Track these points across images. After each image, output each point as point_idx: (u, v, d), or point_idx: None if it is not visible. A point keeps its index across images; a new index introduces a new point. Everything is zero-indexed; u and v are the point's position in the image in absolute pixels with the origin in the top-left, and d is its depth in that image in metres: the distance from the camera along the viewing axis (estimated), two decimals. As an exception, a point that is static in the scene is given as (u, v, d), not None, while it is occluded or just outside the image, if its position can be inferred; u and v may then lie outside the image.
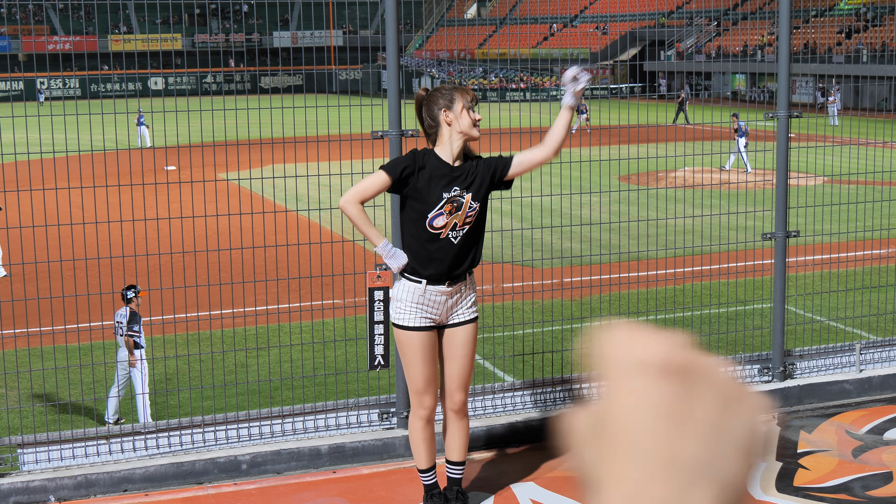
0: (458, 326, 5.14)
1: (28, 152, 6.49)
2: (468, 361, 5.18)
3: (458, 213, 4.98)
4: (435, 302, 5.03)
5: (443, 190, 4.98)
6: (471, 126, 5.04)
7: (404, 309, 5.05)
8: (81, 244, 6.75)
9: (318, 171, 6.99)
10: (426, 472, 5.27)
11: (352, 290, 11.48)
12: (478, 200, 5.02)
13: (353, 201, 4.98)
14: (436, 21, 76.77)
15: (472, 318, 5.18)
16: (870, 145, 16.77)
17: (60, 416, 10.05)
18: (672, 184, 24.76)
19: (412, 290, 5.02)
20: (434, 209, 4.96)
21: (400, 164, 5.02)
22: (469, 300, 5.16)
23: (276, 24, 79.23)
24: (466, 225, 5.01)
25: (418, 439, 5.22)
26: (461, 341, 5.15)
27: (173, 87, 45.27)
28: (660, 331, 0.98)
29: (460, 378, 5.18)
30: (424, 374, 5.09)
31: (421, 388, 5.11)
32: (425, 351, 5.08)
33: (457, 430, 5.26)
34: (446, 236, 4.98)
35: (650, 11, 63.14)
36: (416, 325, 5.04)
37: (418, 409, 5.17)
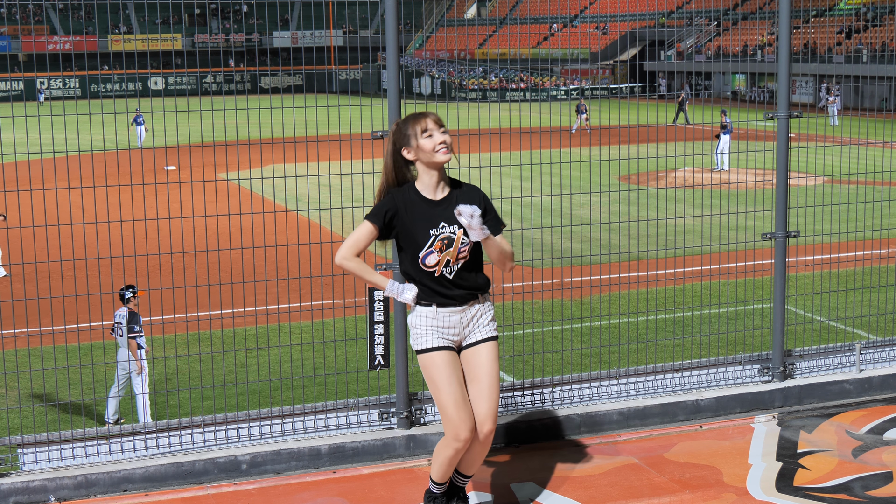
0: (476, 345, 4.97)
1: (28, 152, 6.49)
2: (492, 382, 4.92)
3: (449, 249, 4.84)
4: (450, 322, 4.93)
5: (429, 227, 4.82)
6: (431, 153, 4.79)
7: (422, 333, 4.94)
8: (81, 244, 6.75)
9: (318, 171, 6.99)
10: (440, 485, 5.19)
11: (352, 290, 11.48)
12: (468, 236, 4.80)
13: (348, 256, 4.88)
14: (436, 21, 76.77)
15: (491, 335, 5.00)
16: (870, 145, 16.77)
17: (60, 416, 10.06)
18: (672, 184, 24.76)
19: (425, 313, 4.94)
20: (424, 248, 4.83)
21: (381, 209, 4.84)
22: (486, 317, 5.01)
23: (276, 24, 79.24)
24: (461, 260, 4.86)
25: (445, 463, 5.02)
26: (481, 360, 4.96)
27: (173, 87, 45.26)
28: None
29: (487, 404, 4.92)
30: (453, 394, 4.86)
31: (453, 414, 4.85)
32: (449, 369, 4.88)
33: (478, 452, 5.07)
34: (441, 273, 4.89)
35: (650, 11, 63.16)
36: (436, 345, 4.92)
37: (453, 442, 4.90)
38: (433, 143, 4.81)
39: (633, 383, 6.76)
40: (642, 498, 5.44)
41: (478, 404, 4.94)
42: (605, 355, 11.33)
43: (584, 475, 5.75)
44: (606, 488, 5.55)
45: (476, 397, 4.94)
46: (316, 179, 7.24)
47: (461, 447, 4.93)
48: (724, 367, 6.97)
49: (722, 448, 6.13)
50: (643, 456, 6.00)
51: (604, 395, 6.68)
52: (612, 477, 5.71)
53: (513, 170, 7.88)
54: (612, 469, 5.82)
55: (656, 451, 6.08)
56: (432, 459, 5.10)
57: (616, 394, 6.70)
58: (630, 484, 5.61)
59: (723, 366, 6.97)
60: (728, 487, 5.54)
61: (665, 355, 10.03)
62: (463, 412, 4.88)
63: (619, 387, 6.72)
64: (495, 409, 4.96)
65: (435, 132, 4.83)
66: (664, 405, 6.64)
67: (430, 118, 4.87)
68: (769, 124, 7.13)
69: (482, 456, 5.11)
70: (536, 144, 10.67)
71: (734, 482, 5.61)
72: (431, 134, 4.82)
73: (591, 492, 5.52)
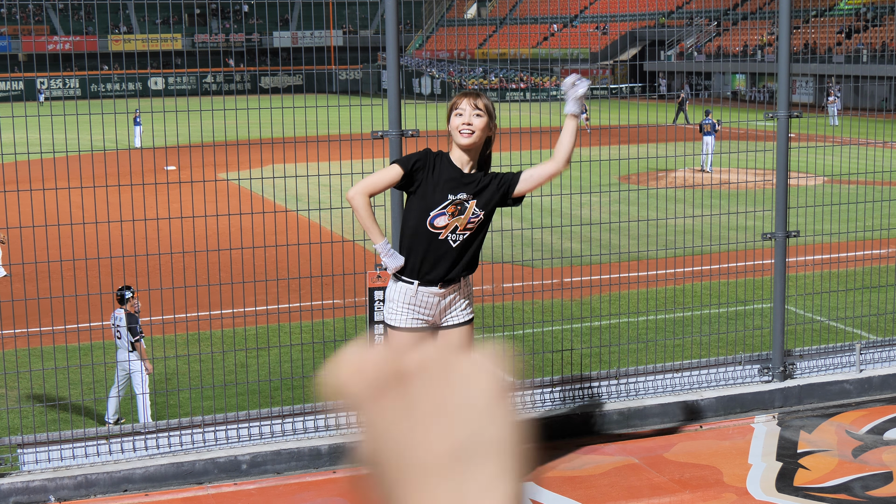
0: (452, 328, 5.11)
1: (28, 152, 6.49)
2: None
3: (460, 216, 4.95)
4: (427, 303, 5.01)
5: (449, 191, 4.95)
6: (455, 130, 4.98)
7: (396, 309, 5.05)
8: (81, 244, 6.74)
9: (318, 171, 6.99)
10: None
11: (352, 290, 11.48)
12: (482, 209, 4.98)
13: (362, 192, 4.96)
14: (436, 21, 76.76)
15: (466, 319, 5.15)
16: (870, 145, 16.77)
17: (60, 416, 10.05)
18: (672, 184, 24.76)
19: (404, 290, 5.02)
20: (437, 208, 4.94)
21: (412, 158, 5.00)
22: (463, 303, 5.12)
23: (276, 24, 79.22)
24: (468, 230, 4.97)
25: None
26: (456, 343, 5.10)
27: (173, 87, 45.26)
28: (368, 350, 1.02)
29: None
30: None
31: None
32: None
33: None
34: (445, 237, 4.96)
35: (650, 11, 63.13)
36: (408, 325, 5.03)
37: None
38: (459, 122, 4.96)
39: (633, 383, 6.75)
40: (642, 498, 5.44)
41: None
42: (605, 355, 11.33)
43: (584, 475, 5.75)
44: (606, 488, 5.55)
45: None
46: (316, 179, 7.24)
47: None
48: (724, 367, 6.97)
49: (722, 448, 6.12)
50: (643, 456, 6.00)
51: (604, 395, 6.67)
52: (612, 477, 5.70)
53: (513, 170, 7.88)
54: (612, 469, 5.82)
55: (656, 451, 6.08)
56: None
57: (616, 394, 6.69)
58: (630, 484, 5.60)
59: (723, 366, 6.97)
60: (728, 487, 5.54)
61: (665, 355, 10.02)
62: None
63: (619, 387, 6.72)
64: None
65: (466, 112, 4.94)
66: (664, 405, 6.64)
67: (469, 97, 5.01)
68: (769, 124, 7.12)
69: None
70: (536, 144, 10.67)
71: (734, 482, 5.60)
72: (461, 113, 4.97)
73: (591, 492, 5.51)
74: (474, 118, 4.95)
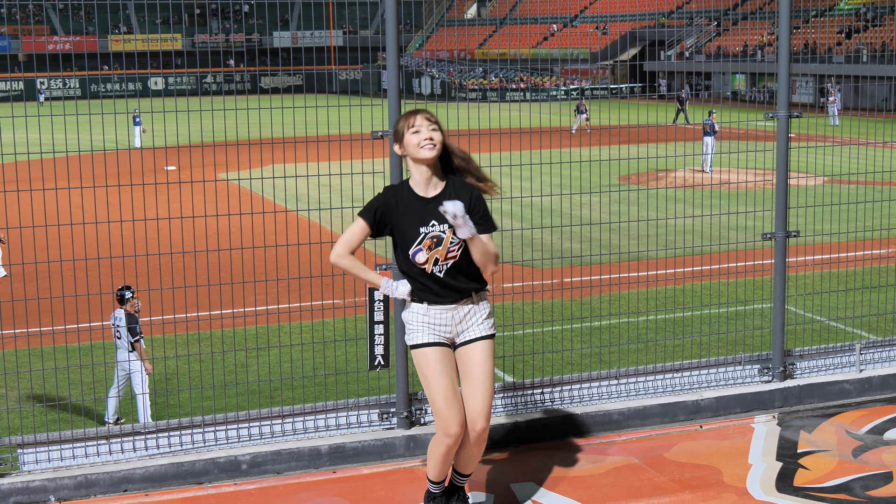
0: (470, 343, 4.97)
1: (28, 152, 6.49)
2: (486, 380, 4.93)
3: (438, 248, 4.85)
4: (441, 318, 4.94)
5: (419, 225, 4.84)
6: (416, 147, 4.82)
7: (414, 328, 4.96)
8: (81, 244, 6.75)
9: (318, 171, 6.99)
10: (437, 484, 5.20)
11: (352, 290, 11.48)
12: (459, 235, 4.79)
13: (343, 254, 4.90)
14: (436, 21, 76.77)
15: (485, 334, 5.00)
16: (870, 145, 16.78)
17: (60, 416, 10.06)
18: (672, 184, 24.76)
19: (416, 309, 4.96)
20: (413, 245, 4.85)
21: (373, 206, 4.88)
22: (481, 315, 5.01)
23: (276, 24, 79.24)
24: (450, 259, 4.87)
25: (438, 461, 5.03)
26: (475, 358, 4.96)
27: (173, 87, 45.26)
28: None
29: (481, 402, 4.91)
30: (443, 390, 4.87)
31: (442, 409, 4.87)
32: (440, 365, 4.89)
33: (473, 451, 5.05)
34: (431, 271, 4.90)
35: (650, 11, 63.16)
36: (428, 340, 4.93)
37: (444, 438, 4.91)
38: (419, 138, 4.85)
39: (633, 383, 6.76)
40: (642, 498, 5.44)
41: (470, 402, 4.94)
42: (605, 355, 11.33)
43: (584, 475, 5.75)
44: (606, 488, 5.55)
45: (469, 395, 4.95)
46: (316, 179, 7.24)
47: (451, 443, 4.94)
48: (724, 367, 6.97)
49: (722, 448, 6.13)
50: (643, 456, 6.00)
51: (604, 395, 6.68)
52: (612, 477, 5.71)
53: (513, 170, 7.88)
54: (612, 469, 5.82)
55: (656, 451, 6.08)
56: (427, 459, 5.11)
57: (616, 394, 6.70)
58: (630, 484, 5.61)
59: (723, 366, 6.98)
60: (728, 487, 5.54)
61: (665, 355, 10.03)
62: (453, 407, 4.89)
63: (619, 387, 6.72)
64: (488, 407, 4.95)
65: (423, 128, 4.87)
66: (664, 405, 6.64)
67: (420, 115, 4.92)
68: (769, 124, 7.13)
69: (478, 454, 5.11)
70: (536, 144, 10.66)
71: (734, 482, 5.61)
72: (419, 130, 4.87)
73: (591, 492, 5.52)
74: (433, 132, 4.86)
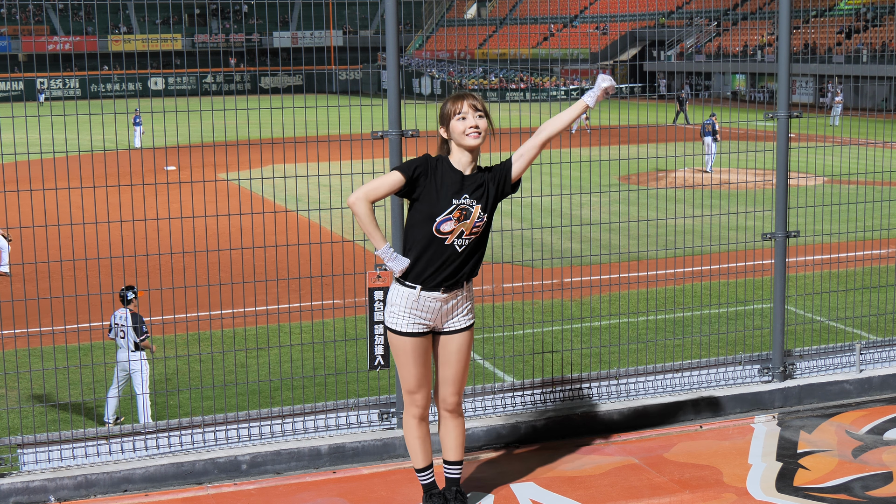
0: (453, 334, 5.13)
1: (28, 152, 6.49)
2: (463, 366, 5.20)
3: (466, 221, 4.96)
4: (429, 308, 5.02)
5: (453, 196, 4.96)
6: (461, 134, 4.97)
7: (398, 314, 5.06)
8: (81, 244, 6.75)
9: (318, 171, 6.99)
10: (423, 472, 5.27)
11: (352, 290, 11.48)
12: (486, 212, 5.01)
13: (363, 198, 4.94)
14: (436, 21, 76.77)
15: (467, 325, 5.18)
16: (870, 145, 16.78)
17: (60, 416, 10.06)
18: (672, 184, 24.77)
19: (406, 295, 5.02)
20: (443, 213, 4.94)
21: (413, 164, 4.99)
22: (465, 307, 5.14)
23: (276, 24, 79.22)
24: (473, 235, 4.99)
25: (413, 437, 5.24)
26: (455, 348, 5.16)
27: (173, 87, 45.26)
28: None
29: (455, 382, 5.20)
30: (416, 376, 5.12)
31: (413, 388, 5.15)
32: (417, 354, 5.09)
33: (452, 429, 5.27)
34: (451, 243, 4.96)
35: (650, 11, 63.15)
36: (409, 330, 5.04)
37: (411, 408, 5.19)
38: (464, 125, 4.98)
39: (633, 383, 6.75)
40: (642, 498, 5.44)
41: (446, 385, 5.20)
42: (605, 355, 11.33)
43: (584, 475, 5.75)
44: (606, 488, 5.55)
45: (445, 380, 5.20)
46: (316, 179, 7.24)
47: (419, 413, 5.18)
48: (724, 367, 6.97)
49: (722, 448, 6.13)
50: (643, 456, 6.00)
51: (604, 395, 6.68)
52: (612, 477, 5.71)
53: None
54: (612, 469, 5.82)
55: (656, 451, 6.08)
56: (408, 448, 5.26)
57: (616, 394, 6.70)
58: (630, 484, 5.61)
59: (723, 366, 6.97)
60: (728, 487, 5.54)
61: (665, 355, 10.03)
62: (423, 387, 5.16)
63: (619, 387, 6.72)
64: (462, 385, 5.24)
65: (469, 115, 4.99)
66: (664, 405, 6.64)
67: (467, 100, 5.04)
68: (769, 124, 7.13)
69: (459, 434, 5.24)
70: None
71: (734, 482, 5.61)
72: (465, 117, 4.98)
73: (591, 492, 5.52)
74: (479, 120, 4.99)
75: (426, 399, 5.18)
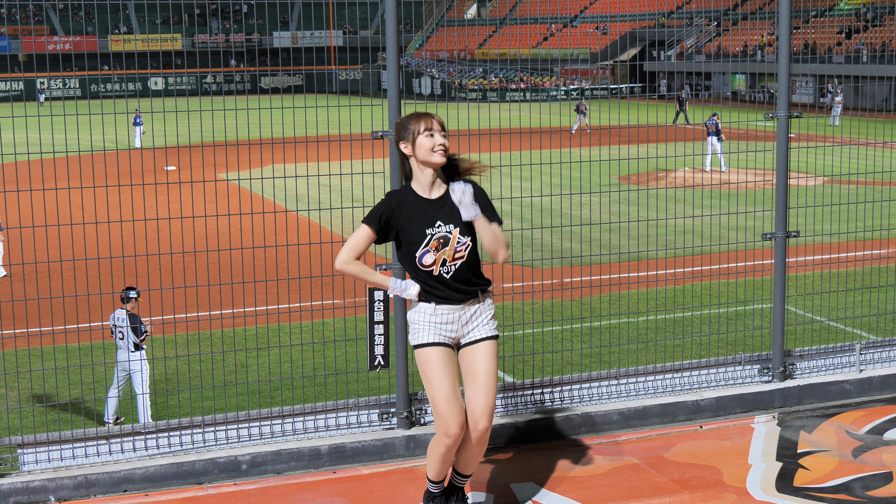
0: (474, 343, 4.98)
1: (28, 152, 6.49)
2: (489, 381, 4.94)
3: (445, 248, 4.86)
4: (448, 318, 4.94)
5: (424, 227, 4.85)
6: (428, 152, 4.83)
7: (419, 329, 4.96)
8: (81, 244, 6.75)
9: (318, 171, 6.99)
10: (437, 483, 5.20)
11: (352, 290, 11.48)
12: (467, 235, 4.87)
13: (349, 261, 4.90)
14: (436, 21, 76.77)
15: (490, 335, 5.00)
16: (870, 145, 16.79)
17: (60, 416, 10.06)
18: (672, 184, 24.77)
19: (423, 310, 4.96)
20: (420, 248, 4.85)
21: (377, 211, 4.88)
22: (485, 316, 5.02)
23: (276, 25, 79.23)
24: (458, 260, 4.88)
25: (438, 461, 5.04)
26: (479, 358, 4.96)
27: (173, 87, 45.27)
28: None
29: (484, 402, 4.91)
30: (444, 391, 4.87)
31: (443, 410, 4.87)
32: (442, 365, 4.90)
33: (474, 452, 5.06)
34: (438, 273, 4.90)
35: (650, 11, 63.17)
36: (431, 341, 4.93)
37: (443, 438, 4.92)
38: (432, 142, 4.86)
39: (633, 383, 6.75)
40: (642, 498, 5.44)
41: (473, 402, 4.94)
42: (605, 355, 11.33)
43: (584, 475, 5.75)
44: (606, 488, 5.56)
45: (472, 396, 4.95)
46: (316, 179, 7.24)
47: (451, 443, 4.94)
48: (724, 367, 6.97)
49: (722, 448, 6.13)
50: (643, 456, 6.00)
51: (604, 395, 6.68)
52: (612, 477, 5.71)
53: (513, 170, 7.87)
54: (612, 469, 5.82)
55: (656, 451, 6.08)
56: (427, 458, 5.11)
57: (616, 394, 6.70)
58: (630, 484, 5.61)
59: (723, 366, 6.98)
60: (728, 487, 5.54)
61: (665, 355, 10.03)
62: (454, 408, 4.88)
63: (619, 387, 6.72)
64: (492, 407, 4.95)
65: (436, 133, 4.88)
66: (664, 405, 6.64)
67: (435, 119, 4.95)
68: (769, 124, 7.13)
69: (479, 455, 5.11)
70: (536, 144, 10.67)
71: (734, 482, 5.61)
72: (433, 134, 4.88)
73: (591, 492, 5.52)
74: (444, 139, 4.88)
75: (460, 430, 4.89)
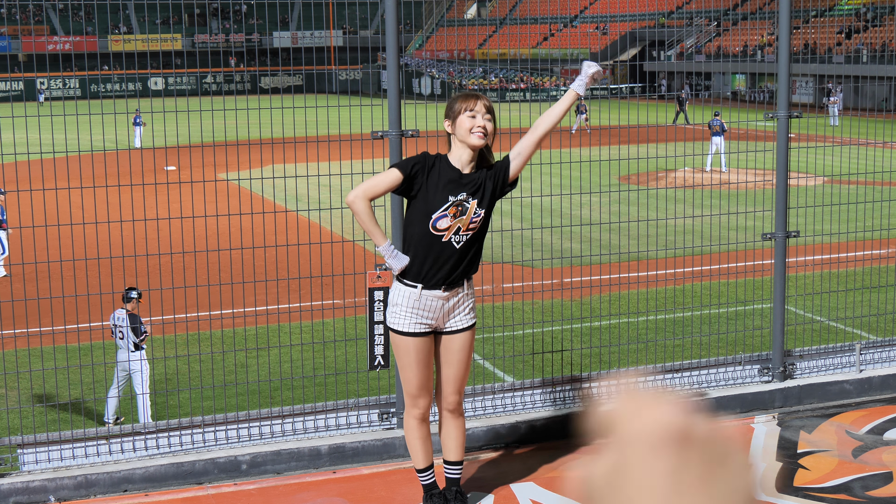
0: (455, 333, 5.13)
1: (28, 152, 6.49)
2: (464, 366, 5.21)
3: (462, 217, 4.97)
4: (431, 307, 5.02)
5: (449, 193, 4.97)
6: (467, 131, 4.96)
7: (400, 314, 5.05)
8: (81, 244, 6.74)
9: (318, 171, 6.99)
10: (424, 472, 5.27)
11: (352, 290, 11.48)
12: (483, 208, 5.01)
13: (361, 196, 4.95)
14: (436, 21, 76.75)
15: (469, 325, 5.18)
16: (870, 145, 16.78)
17: (60, 416, 10.05)
18: (672, 184, 24.76)
19: (408, 294, 5.02)
20: (438, 210, 4.95)
21: (410, 161, 5.01)
22: (467, 306, 5.15)
23: (276, 24, 79.20)
24: (470, 231, 4.99)
25: (414, 438, 5.24)
26: (458, 347, 5.16)
27: (173, 87, 45.27)
28: (661, 398, 1.09)
29: (456, 382, 5.21)
30: (419, 377, 5.12)
31: (415, 391, 5.15)
32: (420, 355, 5.09)
33: (452, 430, 5.27)
34: (448, 239, 4.97)
35: (650, 11, 63.16)
36: (412, 330, 5.04)
37: (412, 409, 5.20)
38: (472, 123, 4.98)
39: (633, 383, 6.75)
40: (642, 498, 5.43)
41: (447, 385, 5.21)
42: (605, 355, 11.33)
43: (584, 475, 5.75)
44: (606, 488, 5.55)
45: (446, 379, 5.20)
46: (316, 179, 7.24)
47: (419, 413, 5.19)
48: (724, 367, 6.97)
49: (722, 448, 6.12)
50: (643, 456, 5.99)
51: (604, 395, 6.67)
52: (612, 477, 5.70)
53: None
54: (612, 469, 5.82)
55: (656, 451, 6.08)
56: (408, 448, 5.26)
57: (616, 393, 6.70)
58: (630, 484, 5.60)
59: (723, 366, 6.97)
60: (728, 487, 5.54)
61: (665, 355, 10.02)
62: (425, 389, 5.18)
63: (619, 387, 6.72)
64: (463, 384, 5.26)
65: (479, 115, 4.96)
66: (664, 405, 6.64)
67: (482, 100, 5.06)
68: (769, 124, 7.12)
69: (460, 435, 5.24)
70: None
71: (734, 482, 5.60)
72: (475, 115, 4.99)
73: (591, 492, 5.51)
74: (487, 122, 4.99)
75: (428, 401, 5.20)
